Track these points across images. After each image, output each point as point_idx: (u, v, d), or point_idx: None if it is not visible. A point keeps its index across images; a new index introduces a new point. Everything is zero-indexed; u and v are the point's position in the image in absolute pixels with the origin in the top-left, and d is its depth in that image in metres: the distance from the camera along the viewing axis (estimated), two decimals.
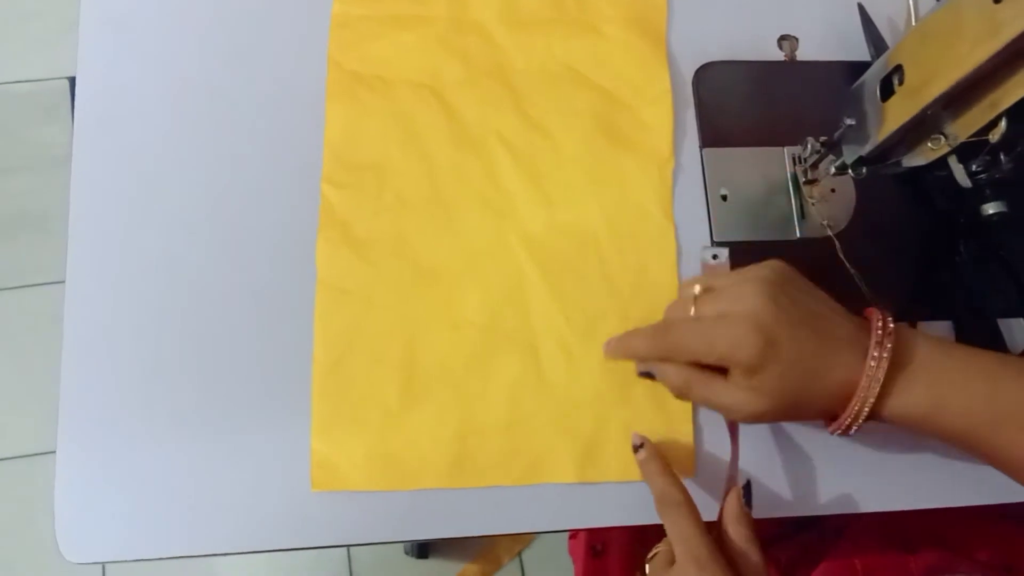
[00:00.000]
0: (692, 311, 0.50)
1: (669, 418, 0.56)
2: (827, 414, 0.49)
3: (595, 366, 0.56)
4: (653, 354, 0.52)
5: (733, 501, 0.50)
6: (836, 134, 0.54)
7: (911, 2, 0.51)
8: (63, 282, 0.56)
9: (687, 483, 0.53)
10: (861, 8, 0.63)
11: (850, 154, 0.53)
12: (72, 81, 1.38)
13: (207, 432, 0.54)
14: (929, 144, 0.47)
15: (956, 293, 0.59)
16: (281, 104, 0.60)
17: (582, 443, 0.55)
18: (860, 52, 0.63)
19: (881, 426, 0.48)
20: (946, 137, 0.46)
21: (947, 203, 0.60)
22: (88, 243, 0.57)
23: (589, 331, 0.57)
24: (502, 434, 0.55)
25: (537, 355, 0.56)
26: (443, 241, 0.58)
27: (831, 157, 0.56)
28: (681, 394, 0.51)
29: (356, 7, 0.62)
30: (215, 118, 0.60)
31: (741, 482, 0.52)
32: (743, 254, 0.59)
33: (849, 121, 0.53)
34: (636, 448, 0.53)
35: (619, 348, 0.55)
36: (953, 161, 0.48)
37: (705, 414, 0.56)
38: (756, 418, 0.48)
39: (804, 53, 0.63)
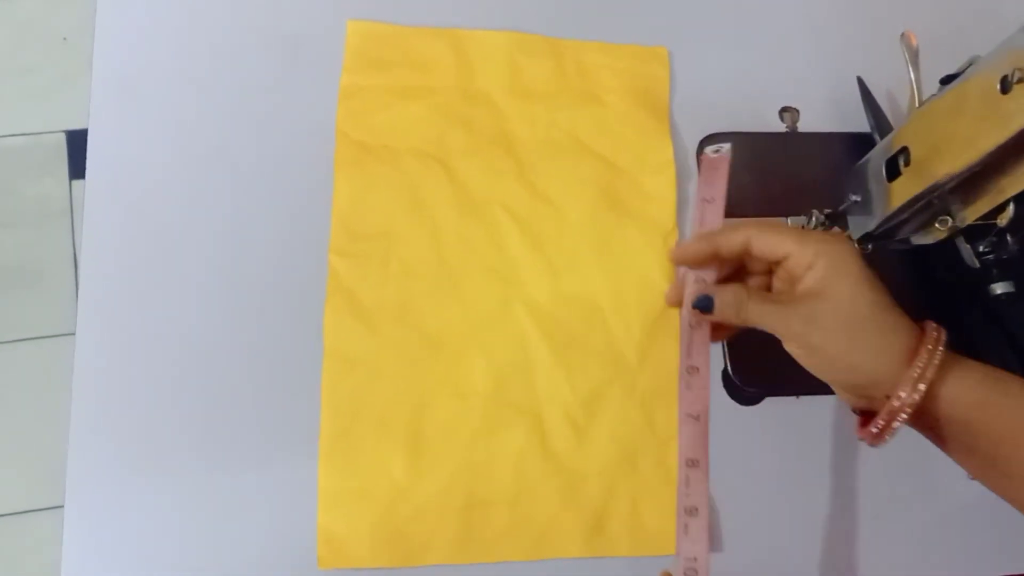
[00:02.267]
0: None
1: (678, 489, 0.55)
2: (870, 391, 0.43)
3: (602, 437, 0.56)
4: (737, 238, 0.46)
5: None
6: (841, 207, 0.55)
7: (913, 82, 0.52)
8: (56, 336, 0.56)
9: None
10: (860, 81, 0.64)
11: (856, 229, 0.54)
12: (69, 135, 1.39)
13: (214, 505, 0.54)
14: (936, 225, 0.48)
15: None
16: (288, 172, 0.60)
17: (590, 516, 0.55)
18: (860, 123, 0.64)
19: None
20: (953, 218, 0.47)
21: (948, 273, 0.60)
22: (98, 305, 0.57)
23: (594, 401, 0.57)
24: (509, 507, 0.55)
25: (543, 426, 0.56)
26: (449, 310, 0.58)
27: (836, 229, 0.57)
28: (737, 314, 0.45)
29: (364, 78, 0.63)
30: (223, 186, 0.60)
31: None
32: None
33: (854, 197, 0.53)
34: None
35: (702, 240, 0.47)
36: (960, 242, 0.48)
37: (717, 486, 0.56)
38: (811, 323, 0.43)
39: (805, 124, 0.64)
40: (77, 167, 1.35)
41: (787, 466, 0.57)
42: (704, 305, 0.46)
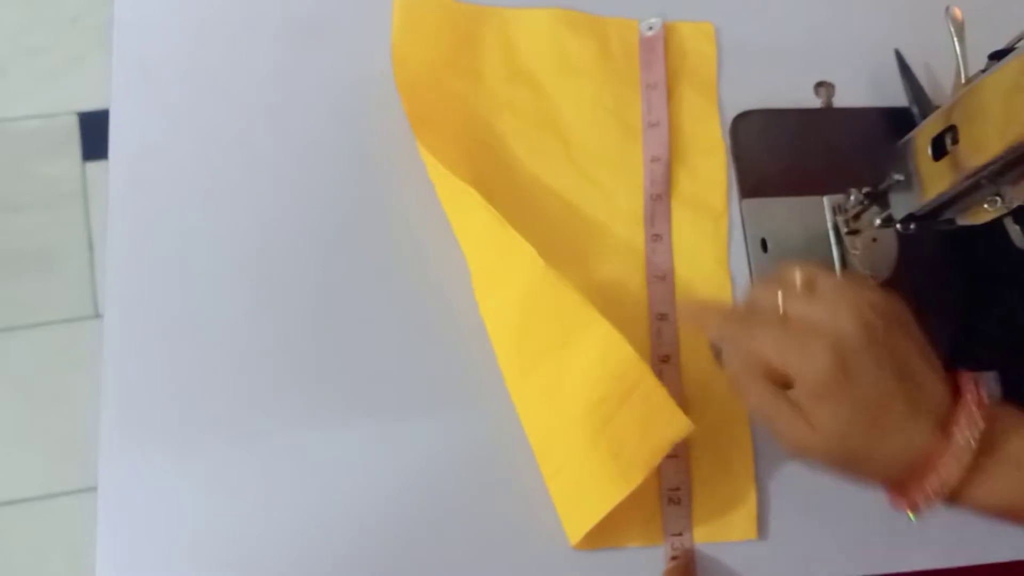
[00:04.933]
0: (781, 305, 0.45)
1: (730, 477, 0.54)
2: (889, 481, 0.42)
3: None
4: (725, 342, 0.47)
5: None
6: (882, 186, 0.54)
7: (959, 57, 0.50)
8: (73, 320, 0.54)
9: (750, 545, 0.52)
10: (898, 54, 0.62)
11: (899, 210, 0.52)
12: (81, 116, 1.37)
13: (247, 484, 0.53)
14: (985, 205, 0.46)
15: (1001, 343, 0.58)
16: (311, 153, 0.59)
17: (643, 506, 0.53)
18: (897, 98, 0.62)
19: None
20: (1003, 199, 0.46)
21: (990, 253, 0.59)
22: (124, 288, 0.56)
23: None
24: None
25: None
26: (496, 295, 0.57)
27: (876, 208, 0.56)
28: (752, 409, 0.46)
29: (412, 46, 0.60)
30: (247, 168, 0.59)
31: None
32: None
33: (897, 176, 0.52)
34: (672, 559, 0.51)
35: (694, 318, 0.53)
36: (1009, 222, 0.47)
37: (767, 473, 0.55)
38: (802, 452, 0.43)
39: (840, 99, 0.63)
40: (90, 148, 1.34)
41: None
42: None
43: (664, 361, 0.56)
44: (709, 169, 0.61)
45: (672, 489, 0.53)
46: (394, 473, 0.54)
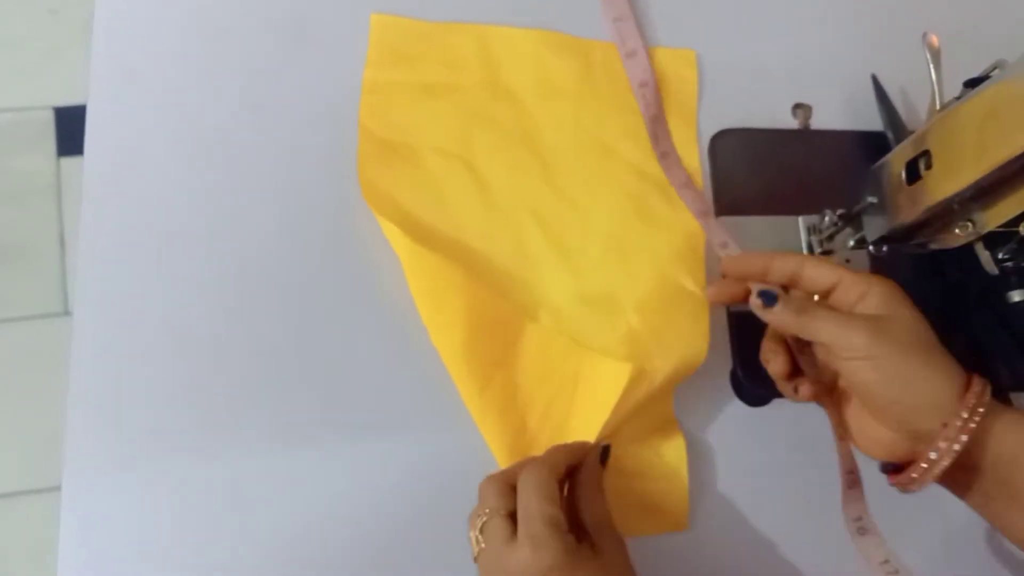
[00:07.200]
0: None
1: (664, 467, 0.55)
2: (925, 418, 0.43)
3: (622, 441, 0.55)
4: (789, 263, 0.48)
5: (591, 461, 0.49)
6: (856, 208, 0.54)
7: (935, 84, 0.51)
8: (43, 316, 0.53)
9: (681, 536, 0.53)
10: (875, 79, 0.63)
11: (872, 232, 0.53)
12: (57, 111, 1.36)
13: (213, 489, 0.52)
14: (956, 230, 0.47)
15: (970, 364, 0.59)
16: (290, 158, 0.59)
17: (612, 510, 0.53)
18: (873, 122, 0.63)
19: None
20: (974, 224, 0.46)
21: (959, 272, 0.60)
22: (95, 286, 0.55)
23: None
24: None
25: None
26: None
27: (849, 230, 0.56)
28: (798, 315, 0.46)
29: (387, 73, 0.61)
30: (224, 169, 0.58)
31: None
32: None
33: (871, 199, 0.53)
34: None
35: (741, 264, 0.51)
36: (980, 248, 0.48)
37: (724, 487, 0.55)
38: (868, 349, 0.43)
39: (817, 122, 0.63)
40: (65, 144, 1.32)
41: (796, 468, 0.56)
42: (768, 297, 0.46)
43: None
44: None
45: None
46: (364, 490, 0.53)
